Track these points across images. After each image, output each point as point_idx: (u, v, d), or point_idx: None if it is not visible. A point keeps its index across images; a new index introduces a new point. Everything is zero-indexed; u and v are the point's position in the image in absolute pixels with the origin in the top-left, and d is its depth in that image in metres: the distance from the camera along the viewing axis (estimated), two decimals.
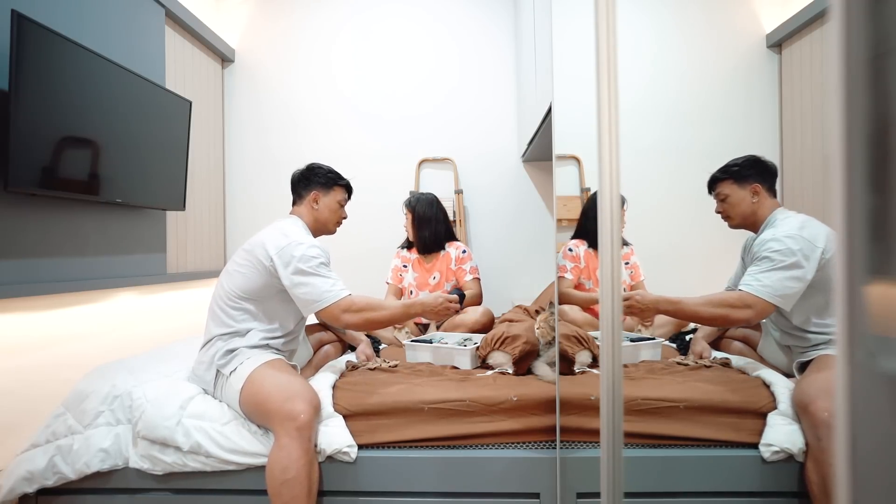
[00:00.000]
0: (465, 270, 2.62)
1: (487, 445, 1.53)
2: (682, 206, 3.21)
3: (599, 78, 0.94)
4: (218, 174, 3.30)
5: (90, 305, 2.14)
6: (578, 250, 2.42)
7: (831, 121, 0.41)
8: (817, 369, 1.49)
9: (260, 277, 1.63)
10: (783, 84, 3.13)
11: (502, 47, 3.37)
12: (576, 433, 1.51)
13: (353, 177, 2.51)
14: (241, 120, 3.40)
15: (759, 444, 1.44)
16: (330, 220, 1.86)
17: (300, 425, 1.39)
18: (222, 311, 1.65)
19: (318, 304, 1.59)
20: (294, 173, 1.88)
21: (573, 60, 1.91)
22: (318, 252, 1.64)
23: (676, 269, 3.04)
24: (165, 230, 2.70)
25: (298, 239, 1.64)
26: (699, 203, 3.18)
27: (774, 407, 1.48)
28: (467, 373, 1.78)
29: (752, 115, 3.19)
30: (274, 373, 1.51)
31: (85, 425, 1.56)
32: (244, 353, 1.59)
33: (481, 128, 3.38)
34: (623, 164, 0.94)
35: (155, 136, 2.41)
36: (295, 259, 1.59)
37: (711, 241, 3.19)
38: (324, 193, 1.83)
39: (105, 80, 2.07)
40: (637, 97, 3.20)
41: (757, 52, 3.18)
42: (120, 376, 1.67)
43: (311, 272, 1.60)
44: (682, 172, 3.21)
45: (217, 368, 1.58)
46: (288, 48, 3.39)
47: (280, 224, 1.74)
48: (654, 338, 1.99)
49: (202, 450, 1.48)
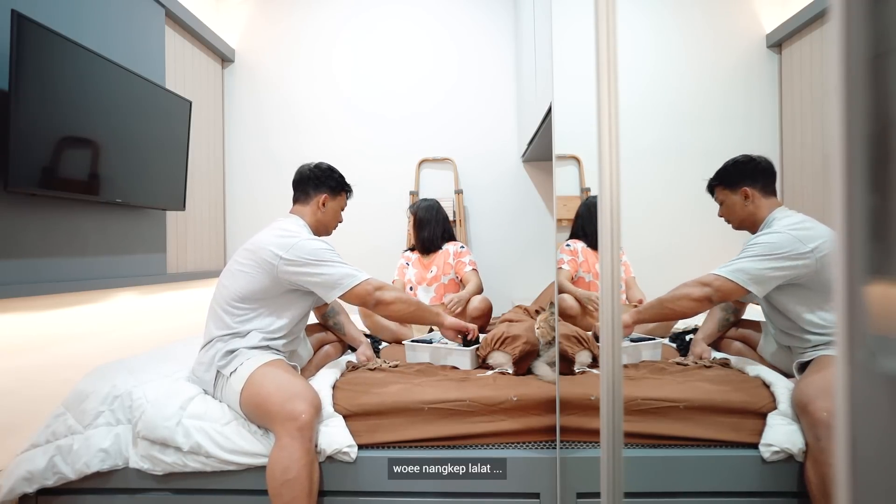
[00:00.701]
0: (464, 263, 2.71)
1: (487, 445, 1.53)
2: (682, 206, 3.21)
3: (599, 77, 0.94)
4: (218, 174, 3.30)
5: (90, 305, 2.14)
6: (576, 245, 2.43)
7: (831, 120, 0.41)
8: (817, 369, 1.49)
9: (265, 278, 1.62)
10: (783, 84, 3.14)
11: (502, 47, 3.37)
12: (576, 433, 1.51)
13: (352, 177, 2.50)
14: (241, 120, 3.40)
15: (759, 444, 1.44)
16: (332, 223, 1.86)
17: (301, 425, 1.39)
18: (224, 311, 1.65)
19: (345, 285, 1.61)
20: (302, 170, 1.84)
21: (573, 60, 1.91)
22: (329, 246, 1.66)
23: (675, 270, 3.03)
24: (165, 230, 2.71)
25: (306, 236, 1.66)
26: (698, 203, 3.19)
27: (774, 407, 1.48)
28: (467, 373, 1.78)
29: (752, 115, 3.19)
30: (274, 373, 1.51)
31: (85, 425, 1.56)
32: (244, 354, 1.58)
33: (481, 127, 3.38)
34: (623, 163, 0.94)
35: (155, 136, 2.41)
36: (307, 253, 1.60)
37: (711, 241, 3.18)
38: (332, 197, 1.82)
39: (105, 80, 2.07)
40: (637, 97, 3.20)
41: (757, 52, 3.18)
42: (120, 376, 1.67)
43: (329, 260, 1.62)
44: (682, 172, 3.21)
45: (217, 369, 1.58)
46: (288, 48, 3.39)
47: (283, 224, 1.73)
48: (654, 338, 1.99)
49: (202, 450, 1.48)
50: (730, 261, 1.61)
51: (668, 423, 1.50)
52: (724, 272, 1.57)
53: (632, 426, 1.48)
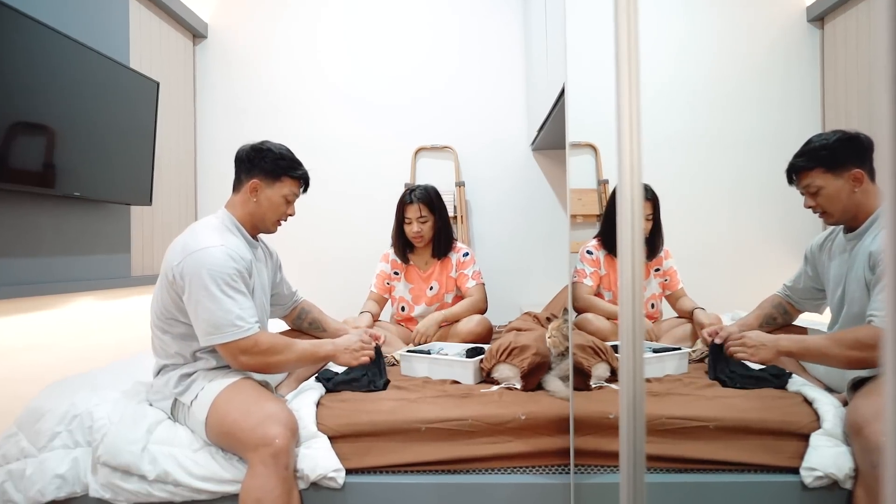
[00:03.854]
0: (467, 276, 2.54)
1: (492, 470, 1.53)
2: (712, 201, 3.21)
3: (619, 57, 0.94)
4: (189, 164, 3.30)
5: (45, 312, 2.14)
6: (599, 254, 2.41)
7: (880, 104, 0.41)
8: (876, 387, 1.48)
9: (168, 295, 1.55)
10: (825, 63, 3.13)
11: (510, 23, 3.37)
12: (592, 456, 1.51)
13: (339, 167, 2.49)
14: (215, 103, 3.40)
15: (800, 467, 1.44)
16: (268, 217, 1.70)
17: (275, 451, 1.38)
18: (162, 332, 1.60)
19: (219, 337, 1.49)
20: (238, 151, 1.72)
21: (589, 37, 1.91)
22: (232, 266, 1.52)
23: (707, 271, 3.04)
24: (130, 227, 2.70)
25: (209, 243, 1.53)
26: (731, 197, 3.20)
27: (818, 426, 1.48)
28: (470, 388, 1.78)
29: (791, 99, 3.19)
30: (240, 395, 1.50)
31: (39, 447, 1.56)
32: (203, 377, 1.56)
33: (485, 113, 3.38)
34: (645, 153, 0.94)
35: (118, 122, 2.41)
36: (192, 274, 1.48)
37: (746, 239, 3.19)
38: (267, 184, 1.68)
39: (61, 58, 2.07)
40: (661, 78, 3.20)
41: (796, 27, 3.18)
42: (80, 393, 1.67)
43: (219, 293, 1.48)
44: (712, 163, 3.21)
45: (175, 398, 1.58)
46: (268, 23, 3.39)
47: (200, 222, 1.66)
48: (680, 347, 1.99)
49: (170, 478, 1.47)
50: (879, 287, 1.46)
51: (697, 444, 1.49)
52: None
53: (655, 448, 1.47)
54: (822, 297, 1.85)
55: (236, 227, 1.68)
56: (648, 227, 2.33)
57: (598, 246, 2.42)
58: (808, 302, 1.90)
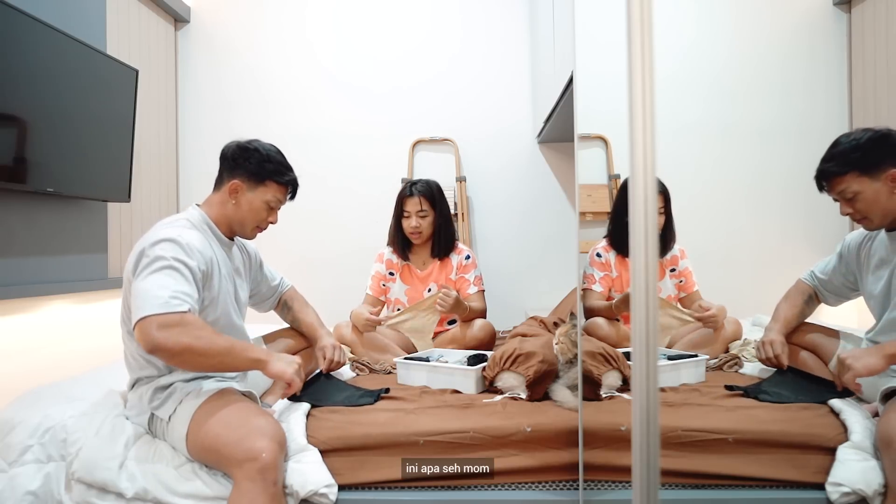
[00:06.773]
0: (469, 281, 2.54)
1: (496, 486, 1.52)
2: (731, 197, 3.21)
3: (631, 42, 0.94)
4: (170, 158, 3.30)
5: (16, 316, 2.14)
6: (609, 256, 2.40)
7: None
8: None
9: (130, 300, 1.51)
10: (853, 49, 3.13)
11: (514, 6, 3.37)
12: (603, 471, 1.51)
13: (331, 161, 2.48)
14: (198, 92, 3.40)
15: (826, 483, 1.44)
16: (247, 222, 1.68)
17: (263, 466, 1.38)
18: (129, 349, 1.59)
19: (141, 311, 1.39)
20: (224, 147, 1.71)
21: (599, 21, 1.91)
22: (177, 252, 1.47)
23: (725, 272, 3.04)
24: (107, 226, 2.70)
25: (162, 235, 1.50)
26: (751, 192, 3.20)
27: (845, 439, 1.48)
28: (472, 398, 1.78)
29: (815, 88, 3.19)
30: (223, 408, 1.49)
31: (10, 462, 1.55)
32: (180, 390, 1.55)
33: (488, 102, 3.38)
34: (660, 145, 0.94)
35: (94, 113, 2.41)
36: (137, 254, 1.48)
37: (767, 237, 3.19)
38: (249, 186, 1.66)
39: (32, 44, 2.06)
40: (677, 65, 3.20)
41: (821, 11, 3.18)
42: (54, 404, 1.67)
43: (153, 271, 1.43)
44: (731, 156, 3.21)
45: (151, 412, 1.57)
46: (255, 5, 3.40)
47: (160, 221, 1.63)
48: (696, 354, 1.99)
49: (150, 496, 1.47)
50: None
51: (715, 458, 1.49)
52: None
53: (670, 462, 1.47)
54: (853, 296, 1.86)
55: (207, 226, 1.66)
56: (661, 223, 2.33)
57: (607, 248, 2.42)
58: (835, 298, 1.92)
